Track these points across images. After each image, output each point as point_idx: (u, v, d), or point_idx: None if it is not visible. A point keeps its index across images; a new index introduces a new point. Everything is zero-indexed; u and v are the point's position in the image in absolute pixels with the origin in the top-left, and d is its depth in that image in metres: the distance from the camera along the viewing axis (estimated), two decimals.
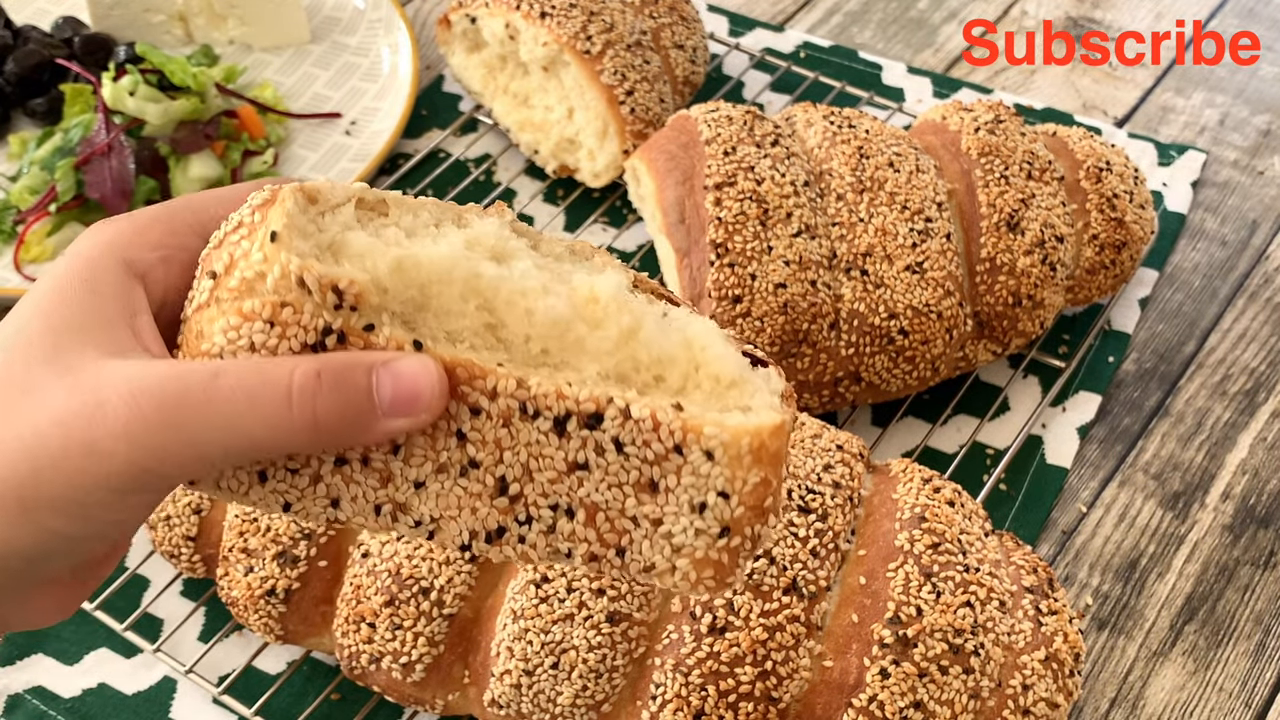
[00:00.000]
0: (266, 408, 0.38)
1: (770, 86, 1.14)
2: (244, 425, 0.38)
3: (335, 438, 0.39)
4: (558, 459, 0.41)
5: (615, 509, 0.41)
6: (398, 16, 1.17)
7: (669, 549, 0.41)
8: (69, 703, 0.74)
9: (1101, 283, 0.89)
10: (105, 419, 0.37)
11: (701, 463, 0.40)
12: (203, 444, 0.38)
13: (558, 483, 0.41)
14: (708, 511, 0.41)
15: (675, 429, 0.40)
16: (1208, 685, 0.76)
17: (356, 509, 0.42)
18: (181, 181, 1.00)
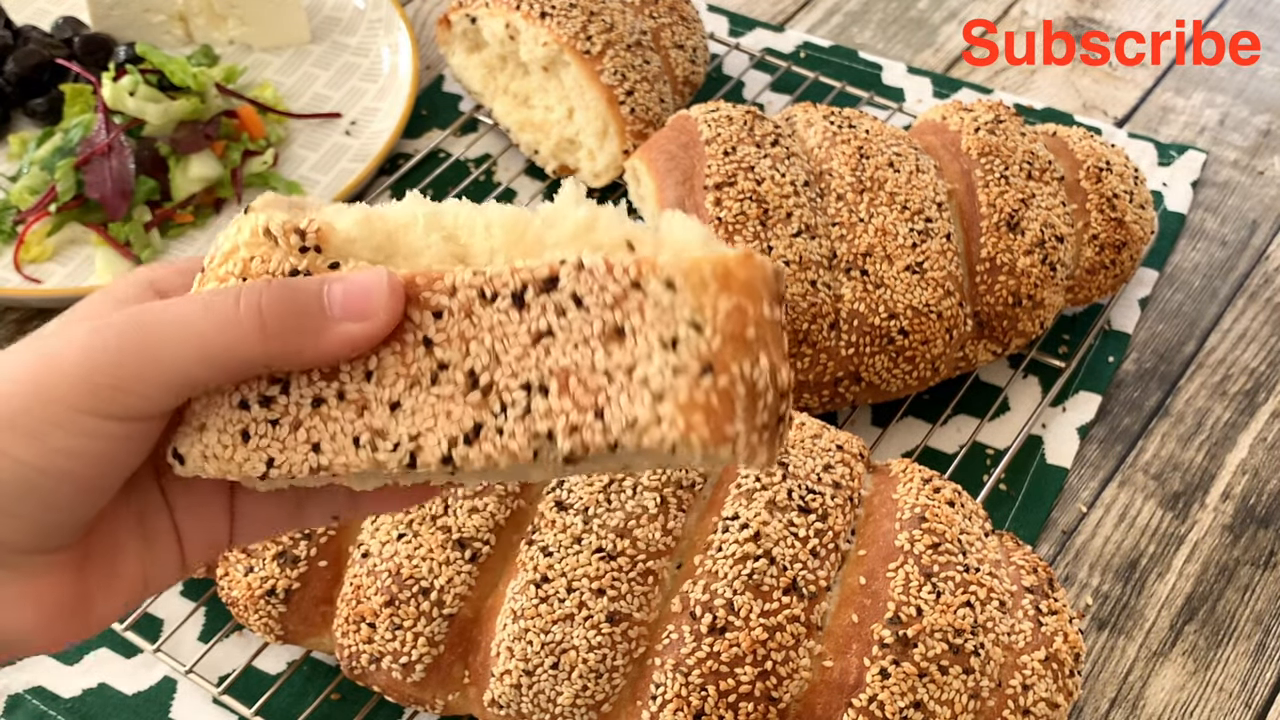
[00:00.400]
0: (216, 308, 0.39)
1: (770, 86, 1.14)
2: (195, 325, 0.38)
3: (284, 338, 0.39)
4: (521, 334, 0.39)
5: (586, 368, 0.38)
6: (398, 16, 1.17)
7: (648, 396, 0.37)
8: (69, 703, 0.74)
9: (1101, 283, 0.89)
10: (70, 338, 0.38)
11: (663, 293, 0.37)
12: (154, 345, 0.38)
13: (525, 359, 0.39)
14: (681, 346, 0.37)
15: (629, 266, 0.38)
16: (1208, 685, 0.76)
17: (336, 448, 0.41)
18: (181, 181, 1.00)
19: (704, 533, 0.65)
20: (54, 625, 0.42)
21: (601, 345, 0.38)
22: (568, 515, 0.65)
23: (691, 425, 0.37)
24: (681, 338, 0.37)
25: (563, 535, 0.64)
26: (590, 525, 0.64)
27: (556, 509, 0.65)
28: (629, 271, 0.38)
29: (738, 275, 0.37)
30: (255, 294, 0.39)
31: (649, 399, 0.37)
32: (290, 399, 0.41)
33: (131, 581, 0.44)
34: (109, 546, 0.43)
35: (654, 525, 0.64)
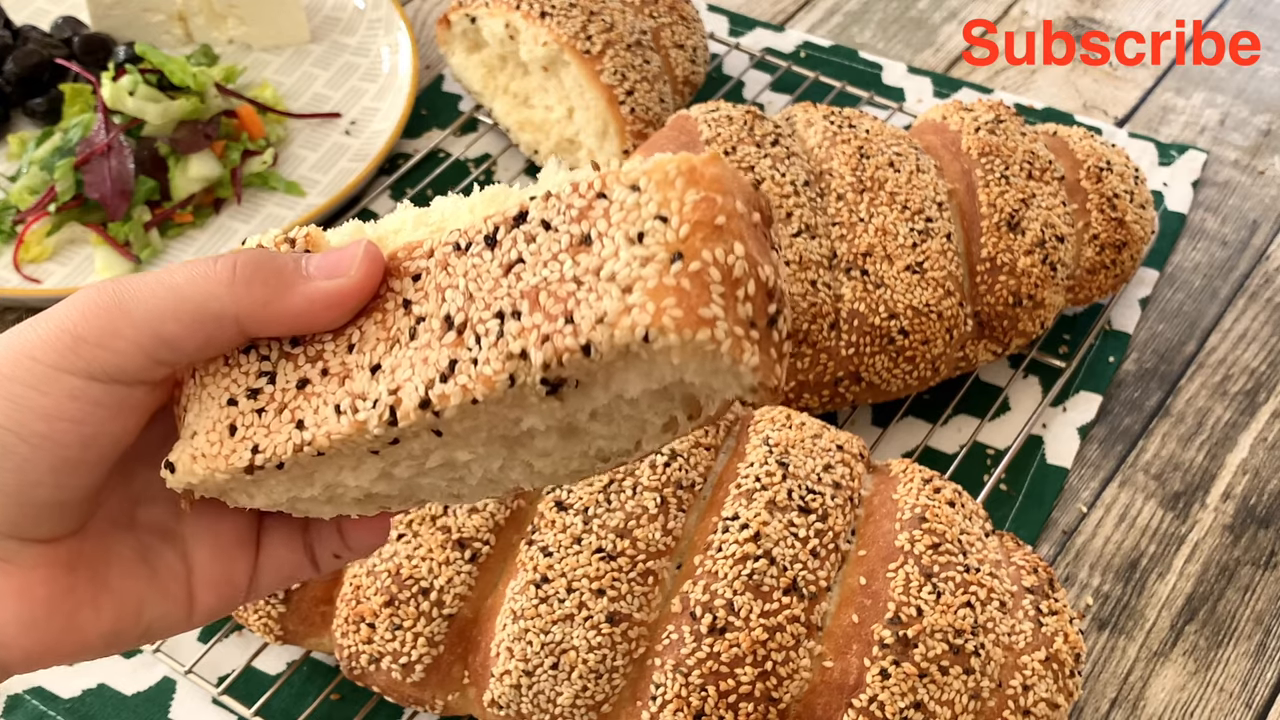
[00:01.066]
0: (192, 267, 0.39)
1: (770, 86, 1.14)
2: (168, 278, 0.38)
3: (255, 290, 0.38)
4: (493, 269, 0.38)
5: (555, 279, 0.37)
6: (397, 16, 1.17)
7: (616, 290, 0.35)
8: (69, 703, 0.74)
9: (1102, 283, 0.89)
10: (59, 306, 0.38)
11: (628, 196, 0.36)
12: (129, 299, 0.38)
13: (496, 290, 0.37)
14: (648, 238, 0.35)
15: (593, 180, 0.37)
16: (1208, 685, 0.75)
17: (319, 419, 0.39)
18: (181, 181, 1.00)
19: (704, 533, 0.65)
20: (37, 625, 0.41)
21: (570, 256, 0.37)
22: (568, 515, 0.65)
23: (663, 309, 0.34)
24: (648, 230, 0.36)
25: (563, 535, 0.64)
26: (590, 525, 0.64)
27: (556, 509, 0.65)
28: (594, 185, 0.37)
29: (704, 172, 0.36)
30: (232, 254, 0.39)
31: (617, 292, 0.35)
32: (276, 387, 0.40)
33: (124, 602, 0.43)
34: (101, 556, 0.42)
35: (654, 525, 0.64)
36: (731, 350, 0.35)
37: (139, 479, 0.44)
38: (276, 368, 0.40)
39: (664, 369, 0.36)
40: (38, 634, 0.41)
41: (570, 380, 0.37)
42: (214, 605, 0.45)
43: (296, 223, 0.99)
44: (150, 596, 0.43)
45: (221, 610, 0.45)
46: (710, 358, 0.35)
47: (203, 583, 0.44)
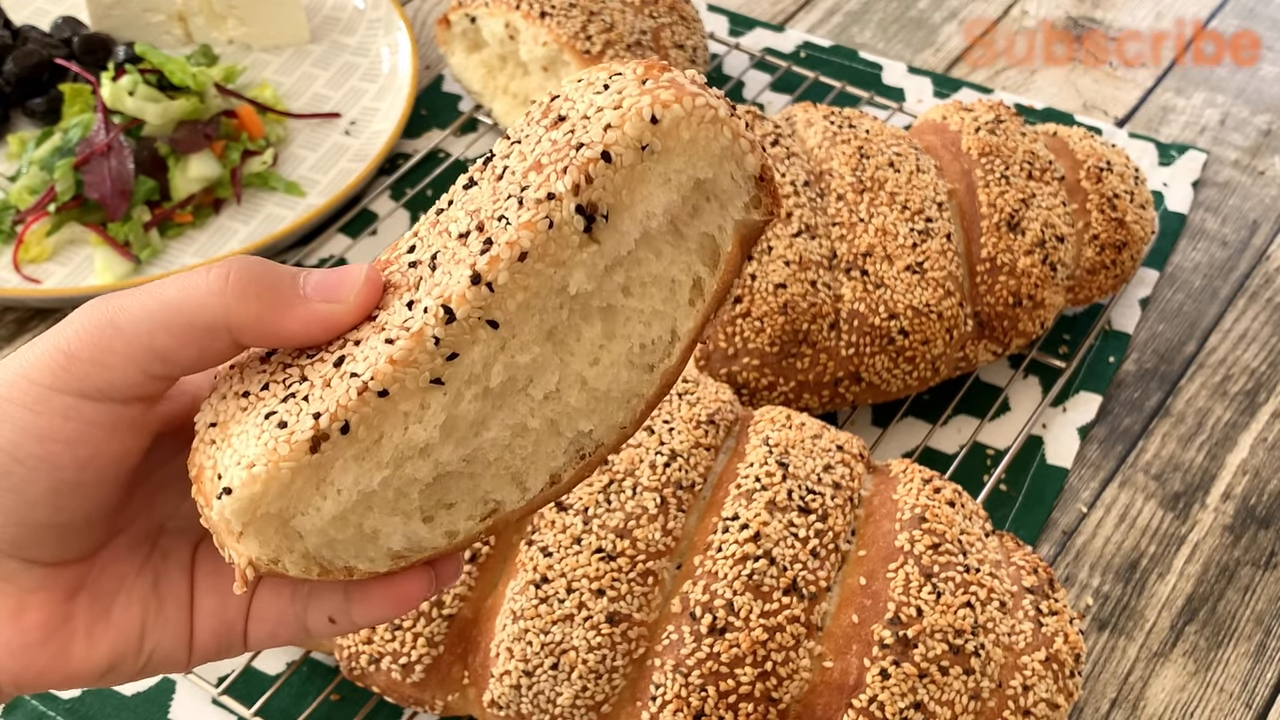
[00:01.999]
0: (184, 278, 0.38)
1: (770, 86, 1.14)
2: (159, 291, 0.37)
3: (250, 304, 0.37)
4: (484, 189, 0.40)
5: (548, 146, 0.39)
6: (397, 16, 1.17)
7: (609, 109, 0.38)
8: (68, 703, 0.74)
9: (1102, 283, 0.89)
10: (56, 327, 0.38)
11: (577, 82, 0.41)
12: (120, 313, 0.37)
13: (496, 194, 0.39)
14: (613, 84, 0.39)
15: (543, 100, 0.40)
16: (1208, 686, 0.75)
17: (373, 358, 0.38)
18: (181, 181, 1.00)
19: (704, 533, 0.65)
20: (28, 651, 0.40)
21: (548, 131, 0.39)
22: (568, 515, 0.65)
23: (656, 94, 0.38)
24: (609, 82, 0.39)
25: (562, 535, 0.64)
26: (590, 525, 0.64)
27: (556, 509, 0.65)
28: (547, 99, 0.40)
29: (652, 61, 0.40)
30: (227, 263, 0.38)
31: (610, 109, 0.38)
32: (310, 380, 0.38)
33: (124, 632, 0.42)
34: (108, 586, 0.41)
35: (654, 525, 0.64)
36: (729, 120, 0.39)
37: (162, 506, 0.44)
38: (305, 374, 0.39)
39: (678, 161, 0.39)
40: (28, 659, 0.40)
41: (601, 206, 0.38)
42: (211, 646, 0.44)
43: (297, 223, 0.99)
44: (153, 628, 0.42)
45: (218, 653, 0.44)
46: (713, 128, 0.38)
47: (203, 616, 0.43)
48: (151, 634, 0.42)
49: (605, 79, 0.40)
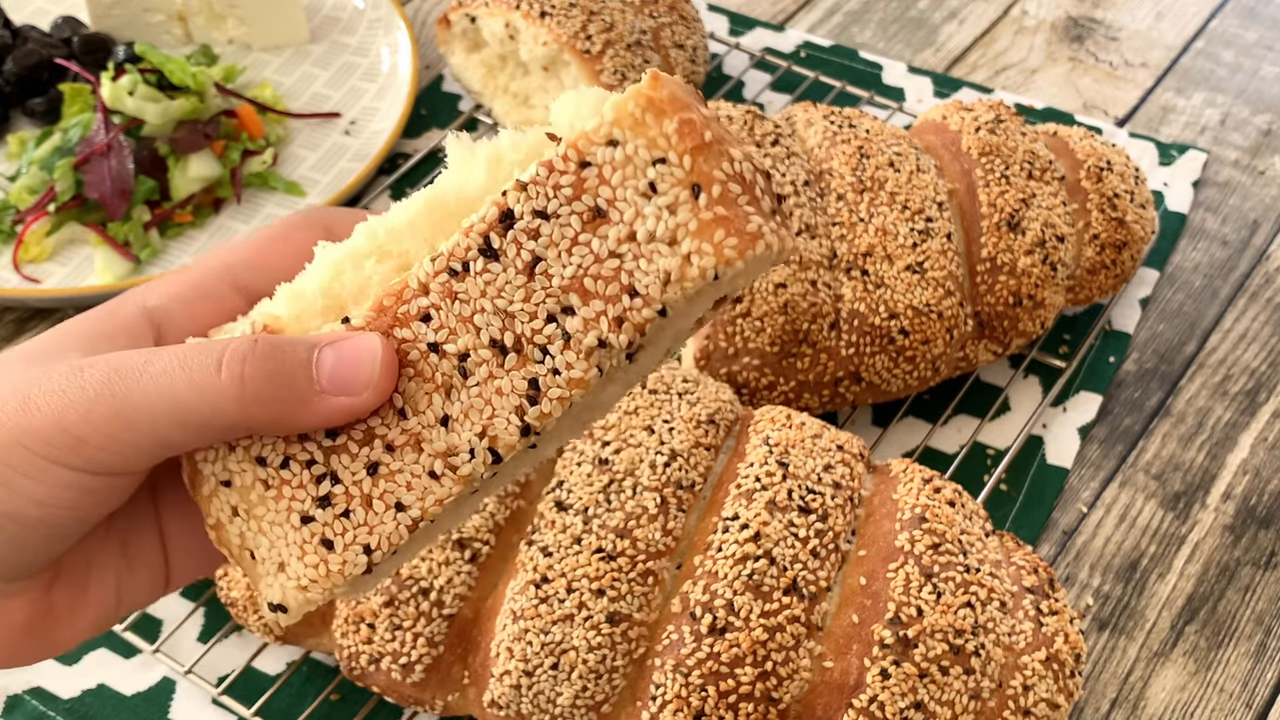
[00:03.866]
0: (195, 370, 0.37)
1: (770, 86, 1.14)
2: (172, 389, 0.37)
3: (266, 408, 0.37)
4: (513, 278, 0.37)
5: (591, 262, 0.37)
6: (397, 16, 1.17)
7: (664, 247, 0.37)
8: (68, 703, 0.74)
9: (1102, 283, 0.89)
10: (47, 380, 0.37)
11: (613, 154, 0.36)
12: (128, 406, 0.37)
13: (532, 296, 0.37)
14: (660, 185, 0.36)
15: (566, 153, 0.37)
16: (1208, 686, 0.75)
17: (418, 493, 0.39)
18: (181, 181, 1.00)
19: (704, 533, 0.65)
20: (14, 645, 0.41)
21: (591, 233, 0.37)
22: (568, 515, 0.65)
23: (719, 244, 0.36)
24: (655, 178, 0.36)
25: (563, 535, 0.64)
26: (590, 525, 0.64)
27: (556, 509, 0.65)
28: (569, 158, 0.37)
29: (660, 95, 0.36)
30: (239, 361, 0.37)
31: (666, 249, 0.37)
32: (344, 485, 0.39)
33: (102, 604, 0.43)
34: (82, 570, 0.42)
35: (654, 525, 0.64)
36: (779, 244, 0.37)
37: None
38: (331, 464, 0.39)
39: (725, 287, 0.38)
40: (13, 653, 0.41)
41: (647, 343, 0.38)
42: (193, 568, 0.45)
43: None
44: (128, 584, 0.43)
45: (201, 572, 0.46)
46: (765, 260, 0.37)
47: (180, 565, 0.44)
48: (128, 594, 0.43)
49: (648, 159, 0.37)
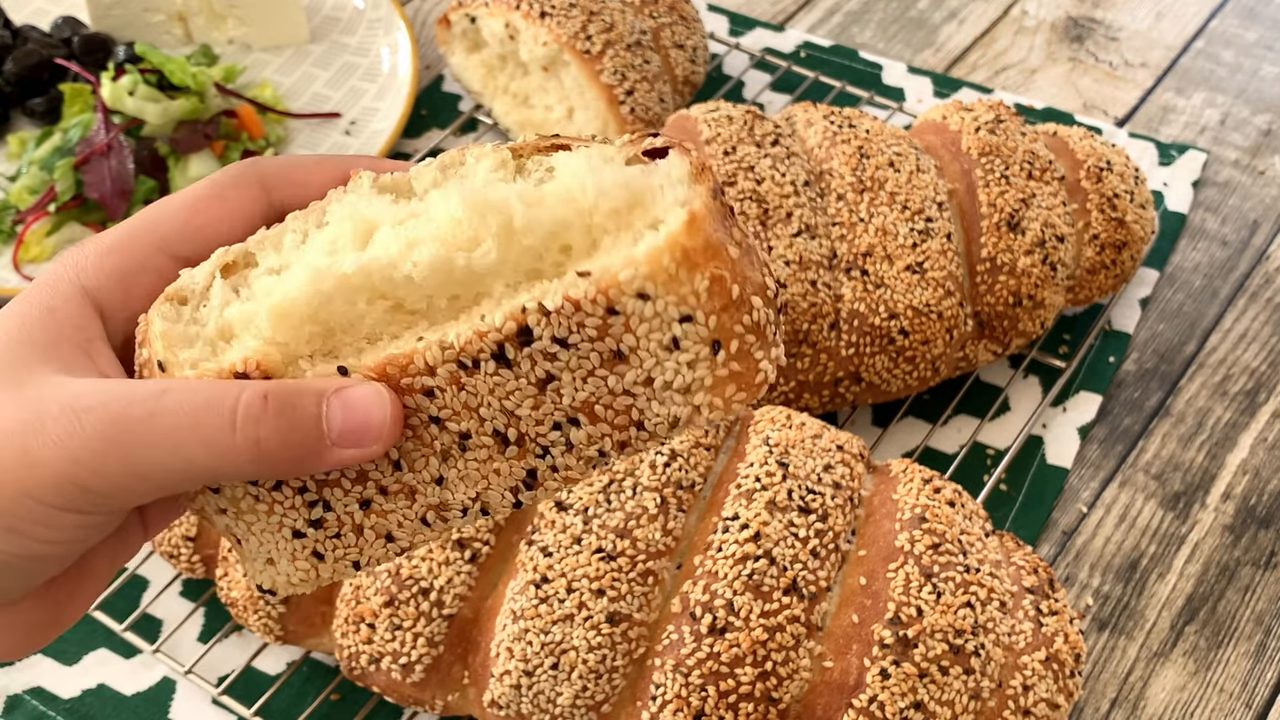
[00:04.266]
0: (208, 430, 0.37)
1: (770, 86, 1.14)
2: (184, 447, 0.36)
3: (280, 465, 0.38)
4: (524, 387, 0.38)
5: (605, 394, 0.38)
6: (397, 16, 1.17)
7: (678, 396, 0.38)
8: (68, 703, 0.74)
9: (1102, 283, 0.89)
10: (44, 429, 0.36)
11: (641, 307, 0.37)
12: (141, 463, 0.36)
13: (541, 405, 0.38)
14: (683, 343, 0.37)
15: (594, 296, 0.36)
16: (1208, 686, 0.75)
17: (408, 532, 0.41)
18: (181, 181, 1.00)
19: (704, 533, 0.65)
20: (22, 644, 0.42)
21: (609, 371, 0.38)
22: (568, 515, 0.65)
23: (729, 398, 0.38)
24: (680, 335, 0.37)
25: (563, 535, 0.64)
26: (590, 525, 0.64)
27: (556, 509, 0.65)
28: (597, 301, 0.37)
29: (695, 245, 0.36)
30: (253, 424, 0.37)
31: (679, 398, 0.38)
32: (336, 513, 0.41)
33: (98, 581, 0.44)
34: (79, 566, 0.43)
35: (654, 525, 0.64)
36: (775, 370, 0.39)
37: None
38: (323, 494, 0.40)
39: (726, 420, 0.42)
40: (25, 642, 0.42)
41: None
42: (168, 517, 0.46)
43: None
44: (119, 556, 0.44)
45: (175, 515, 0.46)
46: (761, 391, 0.39)
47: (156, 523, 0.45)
48: (119, 559, 0.44)
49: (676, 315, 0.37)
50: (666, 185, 0.37)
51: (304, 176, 0.43)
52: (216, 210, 0.42)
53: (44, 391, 0.37)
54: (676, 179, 0.37)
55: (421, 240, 0.38)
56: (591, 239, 0.38)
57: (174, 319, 0.40)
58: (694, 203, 0.36)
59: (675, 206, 0.37)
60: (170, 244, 0.42)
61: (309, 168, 0.43)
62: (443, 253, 0.38)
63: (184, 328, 0.39)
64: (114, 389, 0.37)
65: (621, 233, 0.37)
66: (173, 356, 0.39)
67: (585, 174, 0.37)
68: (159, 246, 0.42)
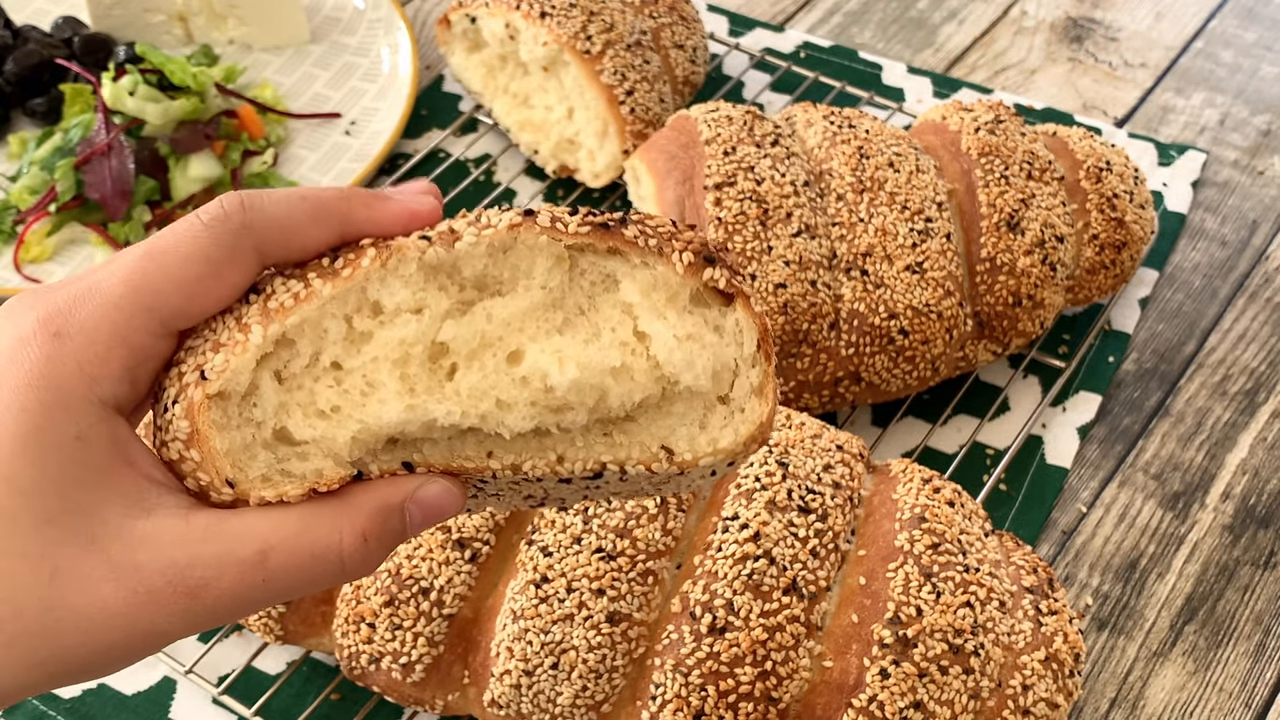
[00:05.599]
0: (319, 579, 0.40)
1: (770, 86, 1.14)
2: (298, 593, 0.39)
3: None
4: (575, 487, 0.43)
5: (640, 488, 0.43)
6: (398, 16, 1.17)
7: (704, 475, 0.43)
8: (69, 703, 0.74)
9: (1101, 283, 0.89)
10: (162, 608, 0.37)
11: (705, 474, 0.42)
12: (254, 610, 0.39)
13: (581, 492, 0.44)
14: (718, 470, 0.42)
15: (669, 466, 0.41)
16: (1208, 685, 0.76)
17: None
18: (181, 181, 1.00)
19: (704, 533, 0.65)
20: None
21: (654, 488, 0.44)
22: (568, 515, 0.65)
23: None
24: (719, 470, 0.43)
25: (563, 535, 0.64)
26: (590, 525, 0.64)
27: (556, 509, 0.65)
28: (672, 468, 0.41)
29: (764, 435, 0.41)
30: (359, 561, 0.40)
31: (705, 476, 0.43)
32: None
33: None
34: None
35: (654, 525, 0.64)
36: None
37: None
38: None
39: None
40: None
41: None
42: None
43: None
44: None
45: None
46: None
47: None
48: None
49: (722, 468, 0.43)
50: (742, 365, 0.40)
51: (301, 242, 0.40)
52: (214, 291, 0.40)
53: (137, 557, 0.37)
54: (748, 354, 0.40)
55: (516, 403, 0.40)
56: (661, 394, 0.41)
57: (224, 424, 0.39)
58: (766, 394, 0.40)
59: (751, 397, 0.40)
60: (168, 326, 0.40)
61: (306, 230, 0.40)
62: (536, 416, 0.40)
63: (238, 434, 0.39)
64: (213, 555, 0.38)
65: (696, 406, 0.41)
66: (242, 476, 0.39)
67: (674, 353, 0.40)
68: (158, 332, 0.39)
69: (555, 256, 0.40)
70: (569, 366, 0.39)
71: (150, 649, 0.38)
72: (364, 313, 0.40)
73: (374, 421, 0.39)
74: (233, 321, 0.40)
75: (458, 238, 0.40)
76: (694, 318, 0.40)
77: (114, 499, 0.37)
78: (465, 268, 0.40)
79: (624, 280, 0.40)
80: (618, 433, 0.41)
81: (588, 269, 0.41)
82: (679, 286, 0.40)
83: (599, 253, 0.41)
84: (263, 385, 0.39)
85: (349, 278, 0.39)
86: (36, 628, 0.36)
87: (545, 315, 0.40)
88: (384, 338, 0.40)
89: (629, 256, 0.40)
